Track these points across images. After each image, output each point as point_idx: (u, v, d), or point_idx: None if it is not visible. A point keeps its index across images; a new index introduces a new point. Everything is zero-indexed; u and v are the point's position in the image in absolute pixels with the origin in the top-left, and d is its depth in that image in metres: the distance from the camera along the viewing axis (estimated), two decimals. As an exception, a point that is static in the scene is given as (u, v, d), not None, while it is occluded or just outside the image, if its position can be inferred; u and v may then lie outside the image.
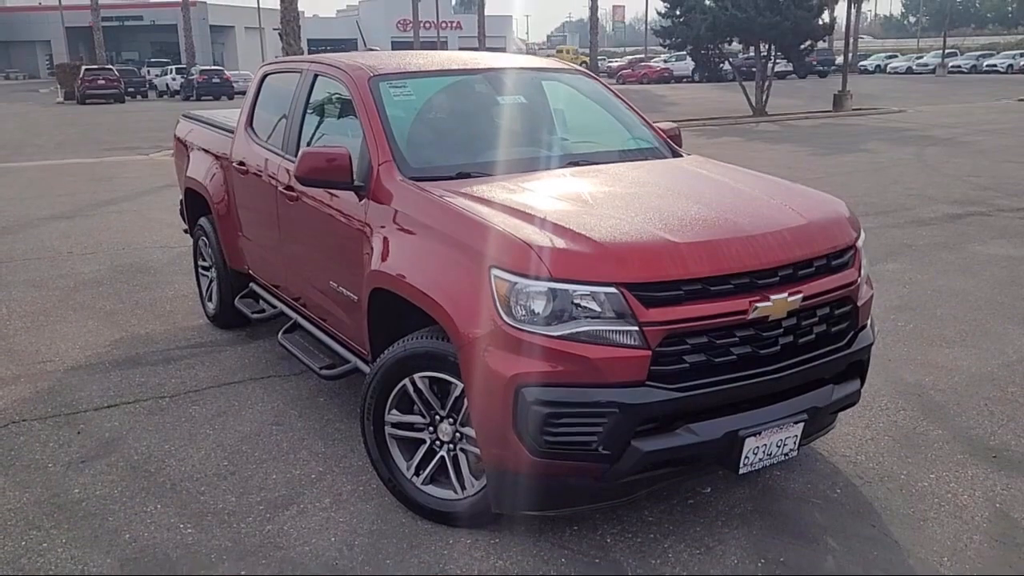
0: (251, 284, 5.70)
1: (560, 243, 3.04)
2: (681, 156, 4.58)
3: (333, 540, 3.46)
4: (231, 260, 5.74)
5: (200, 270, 6.41)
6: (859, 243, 3.59)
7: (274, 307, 5.31)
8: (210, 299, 6.26)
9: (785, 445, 3.25)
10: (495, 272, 3.04)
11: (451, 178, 3.77)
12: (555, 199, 3.53)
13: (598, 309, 2.95)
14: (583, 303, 2.95)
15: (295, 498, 3.80)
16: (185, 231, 6.80)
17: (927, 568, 3.25)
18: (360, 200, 3.88)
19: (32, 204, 11.71)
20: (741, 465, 3.16)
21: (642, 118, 4.80)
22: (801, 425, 3.26)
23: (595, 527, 3.50)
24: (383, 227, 3.71)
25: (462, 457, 3.47)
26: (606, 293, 2.94)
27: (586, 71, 5.21)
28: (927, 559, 3.30)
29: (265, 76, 5.47)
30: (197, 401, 4.89)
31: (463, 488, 3.48)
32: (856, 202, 4.04)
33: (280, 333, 4.95)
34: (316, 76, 4.66)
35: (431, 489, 3.55)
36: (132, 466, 4.12)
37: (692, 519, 3.57)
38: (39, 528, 3.58)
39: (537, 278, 2.96)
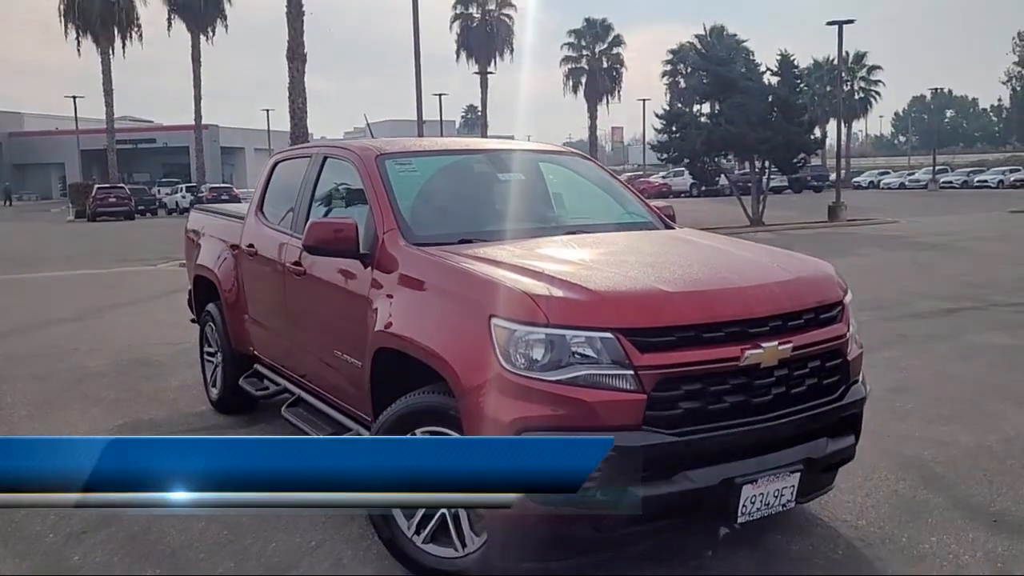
0: (255, 365, 5.78)
1: (557, 292, 3.16)
2: (674, 228, 4.75)
3: (332, 601, 3.45)
4: (237, 342, 5.84)
5: (205, 356, 6.49)
6: (846, 300, 3.71)
7: (278, 384, 5.38)
8: (214, 384, 6.33)
9: (782, 495, 3.28)
10: (495, 321, 3.15)
11: (453, 244, 3.93)
12: (552, 258, 3.68)
13: (594, 354, 3.05)
14: (580, 348, 3.05)
15: (295, 564, 3.79)
16: (192, 320, 6.93)
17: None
18: (365, 267, 4.02)
19: (40, 309, 11.89)
20: (739, 514, 3.18)
21: (636, 195, 5.02)
22: (797, 475, 3.29)
23: (596, 585, 3.49)
24: (386, 289, 3.83)
25: (463, 514, 3.48)
26: (602, 338, 3.04)
27: (581, 153, 5.45)
28: (931, 613, 3.28)
29: (276, 164, 5.71)
30: (199, 477, 4.89)
31: (464, 545, 3.47)
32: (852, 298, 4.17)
33: (284, 408, 5.01)
34: (326, 158, 4.89)
35: (432, 548, 3.55)
36: (131, 536, 4.12)
37: (693, 579, 3.56)
38: (37, 591, 3.57)
39: (535, 325, 3.07)
